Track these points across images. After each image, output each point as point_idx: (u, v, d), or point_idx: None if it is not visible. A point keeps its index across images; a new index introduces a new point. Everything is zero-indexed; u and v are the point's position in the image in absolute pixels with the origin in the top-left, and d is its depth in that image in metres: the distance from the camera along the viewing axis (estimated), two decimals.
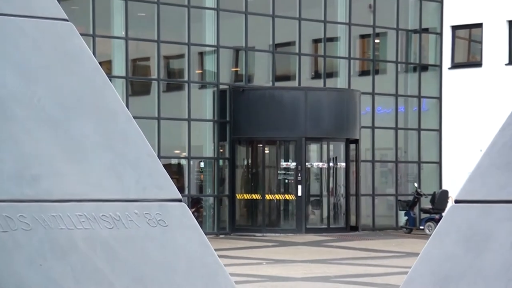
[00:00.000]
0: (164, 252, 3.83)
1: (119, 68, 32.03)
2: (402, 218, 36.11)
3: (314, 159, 35.98)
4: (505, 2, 35.78)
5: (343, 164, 35.56)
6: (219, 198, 33.92)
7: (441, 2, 37.86)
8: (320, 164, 36.09)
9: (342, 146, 35.44)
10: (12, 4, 4.18)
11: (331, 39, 36.78)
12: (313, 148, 35.63)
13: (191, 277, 3.83)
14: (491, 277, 3.75)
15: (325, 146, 35.76)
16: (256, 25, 34.58)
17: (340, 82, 36.78)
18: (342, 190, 35.80)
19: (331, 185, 36.06)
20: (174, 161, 33.18)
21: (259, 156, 35.46)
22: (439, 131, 37.84)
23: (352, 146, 35.19)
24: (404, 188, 37.32)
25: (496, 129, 4.18)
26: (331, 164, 35.92)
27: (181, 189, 28.72)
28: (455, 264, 3.87)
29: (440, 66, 38.01)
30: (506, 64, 36.08)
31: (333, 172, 36.04)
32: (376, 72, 37.57)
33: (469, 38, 38.14)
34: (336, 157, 35.91)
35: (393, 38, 37.87)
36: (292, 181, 34.62)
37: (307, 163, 34.81)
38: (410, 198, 35.74)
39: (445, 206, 31.75)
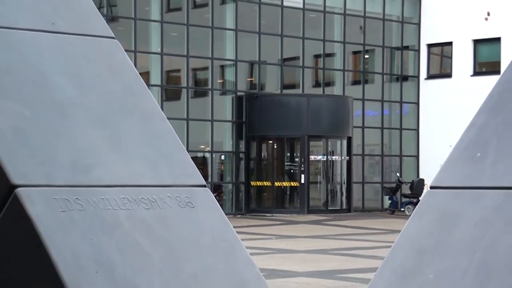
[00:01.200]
0: (192, 228, 3.83)
1: (155, 78, 32.00)
2: (387, 202, 36.06)
3: (315, 153, 35.90)
4: (470, 24, 35.75)
5: (338, 158, 35.49)
6: (236, 185, 33.89)
7: (418, 25, 37.78)
8: (319, 157, 36.03)
9: (338, 142, 35.37)
10: (69, 25, 4.19)
11: (328, 55, 36.74)
12: (314, 144, 35.54)
13: (213, 249, 3.83)
14: (458, 249, 3.75)
15: (323, 143, 35.69)
16: (267, 43, 34.51)
17: (336, 90, 36.73)
18: (338, 178, 35.76)
19: (328, 174, 36.03)
20: (199, 154, 33.13)
21: (269, 150, 35.46)
22: (417, 130, 37.81)
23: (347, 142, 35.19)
24: (388, 177, 37.24)
25: (463, 129, 4.19)
26: (328, 157, 35.90)
27: (205, 177, 28.72)
28: (430, 239, 3.86)
29: (417, 77, 37.97)
30: (471, 76, 36.10)
31: (330, 164, 36.00)
32: (366, 81, 37.53)
33: (441, 54, 38.05)
34: (333, 151, 35.87)
35: (380, 54, 37.84)
36: (297, 171, 34.56)
37: (310, 157, 34.79)
38: (393, 185, 35.68)
39: (422, 191, 31.69)
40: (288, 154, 35.45)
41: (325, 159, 35.77)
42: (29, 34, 4.05)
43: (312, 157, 35.05)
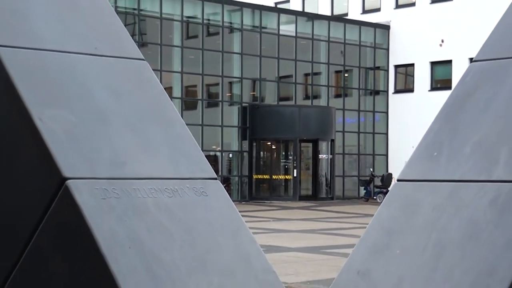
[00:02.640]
0: (205, 212, 3.83)
1: (177, 92, 32.02)
2: (362, 191, 36.00)
3: (305, 153, 35.92)
4: (428, 50, 35.82)
5: (325, 156, 35.48)
6: (241, 177, 33.88)
7: (387, 50, 37.80)
8: (309, 155, 36.06)
9: (323, 144, 35.37)
10: (109, 49, 4.18)
11: (316, 73, 36.73)
12: (304, 145, 35.54)
13: (223, 229, 3.83)
14: (419, 230, 3.75)
15: (312, 145, 35.70)
16: (267, 64, 34.52)
17: (322, 102, 36.72)
18: (323, 172, 35.75)
19: (315, 169, 36.03)
20: (212, 153, 33.09)
21: (268, 150, 35.46)
22: (386, 134, 37.81)
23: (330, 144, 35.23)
24: (363, 172, 37.20)
25: (423, 133, 4.19)
26: (316, 155, 35.94)
27: (216, 171, 28.65)
28: (396, 222, 3.86)
29: (387, 91, 37.97)
30: (428, 90, 36.15)
31: (318, 161, 35.99)
32: (345, 95, 37.54)
33: (405, 73, 38.05)
34: (319, 151, 35.86)
35: (356, 73, 37.84)
36: (290, 167, 34.57)
37: (319, 156, 34.85)
38: (367, 178, 35.65)
39: (390, 183, 31.67)
40: (283, 153, 35.43)
41: (326, 157, 35.77)
42: (77, 56, 4.06)
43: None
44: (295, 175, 34.14)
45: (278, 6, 39.07)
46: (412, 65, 37.20)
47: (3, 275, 3.75)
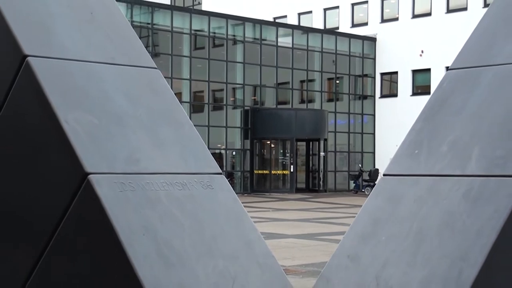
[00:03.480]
0: (212, 203, 3.83)
1: (186, 97, 31.99)
2: (352, 185, 35.96)
3: (300, 151, 35.92)
4: (410, 59, 35.84)
5: (322, 154, 35.49)
6: (243, 172, 33.85)
7: (374, 59, 37.77)
8: (304, 152, 36.06)
9: (317, 143, 35.35)
10: (125, 59, 4.18)
11: (310, 80, 36.70)
12: (300, 144, 35.52)
13: (227, 219, 3.83)
14: (402, 220, 3.75)
15: (307, 143, 35.71)
16: (266, 72, 34.49)
17: (316, 105, 36.67)
18: (316, 168, 35.75)
19: (310, 165, 36.05)
20: (217, 151, 33.04)
21: (268, 148, 35.41)
22: (373, 134, 37.78)
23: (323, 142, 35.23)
24: (353, 167, 37.13)
25: (406, 133, 4.19)
26: (310, 153, 35.98)
27: (221, 167, 28.67)
28: (382, 212, 3.87)
29: (374, 96, 37.94)
30: (410, 95, 36.09)
31: (312, 158, 36.02)
32: (337, 99, 37.48)
33: (390, 80, 38.01)
34: (312, 149, 35.88)
35: (347, 80, 37.82)
36: (287, 163, 34.58)
37: (321, 153, 34.84)
38: (357, 173, 35.55)
39: (377, 178, 31.65)
40: (281, 151, 35.35)
41: (307, 154, 35.83)
42: (97, 65, 4.06)
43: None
44: (291, 170, 34.10)
45: (276, 20, 39.02)
46: (396, 73, 37.17)
47: (34, 258, 3.75)
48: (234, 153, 34.38)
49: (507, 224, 3.40)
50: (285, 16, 40.38)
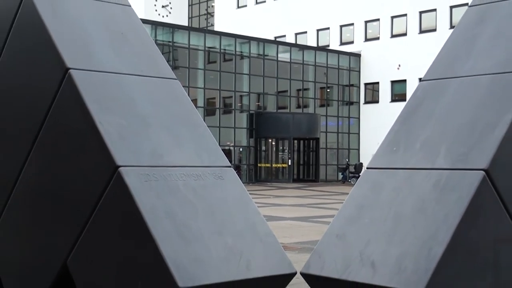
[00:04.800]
0: (222, 192, 3.82)
1: (200, 102, 31.96)
2: (340, 176, 35.89)
3: (297, 147, 35.87)
4: (389, 72, 35.80)
5: (311, 150, 35.49)
6: (249, 165, 33.82)
7: (359, 71, 37.70)
8: (300, 149, 36.02)
9: (311, 141, 35.35)
10: (150, 71, 4.18)
11: (305, 89, 36.65)
12: (296, 142, 35.48)
13: (235, 204, 3.83)
14: (382, 205, 3.75)
15: (303, 141, 35.68)
16: (268, 82, 34.47)
17: (310, 110, 36.61)
18: (311, 162, 35.73)
19: (305, 159, 36.04)
20: (227, 147, 33.00)
21: (269, 145, 35.36)
22: (358, 134, 37.70)
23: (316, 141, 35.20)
24: (341, 161, 37.05)
25: (385, 133, 4.19)
26: (305, 149, 35.94)
27: (230, 161, 28.70)
28: (366, 199, 3.86)
29: (358, 102, 37.88)
30: (389, 102, 36.01)
31: (307, 154, 35.99)
32: (328, 105, 37.43)
33: (373, 89, 37.92)
34: (307, 146, 35.85)
35: (336, 89, 37.74)
36: (286, 157, 34.58)
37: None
38: (344, 166, 35.49)
39: (361, 170, 31.60)
40: (281, 148, 35.35)
41: (303, 150, 35.78)
42: (127, 76, 4.06)
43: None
44: (289, 163, 34.08)
45: (277, 39, 38.97)
46: (378, 83, 37.09)
47: (75, 236, 3.76)
48: (241, 149, 34.36)
49: (468, 209, 3.40)
50: (284, 36, 40.37)
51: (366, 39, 37.82)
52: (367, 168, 4.06)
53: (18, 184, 4.20)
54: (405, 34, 36.07)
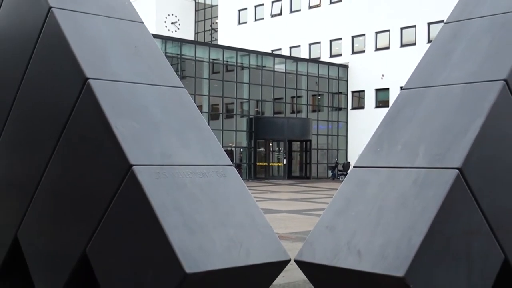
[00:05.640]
0: (224, 188, 3.82)
1: (205, 108, 31.90)
2: (330, 174, 35.84)
3: (292, 148, 35.85)
4: (373, 81, 35.83)
5: (303, 150, 35.45)
6: (249, 164, 33.79)
7: (347, 81, 37.68)
8: (294, 149, 36.01)
9: (304, 143, 35.32)
10: (160, 80, 4.18)
11: (299, 96, 36.62)
12: (291, 143, 35.48)
13: (236, 198, 3.82)
14: (367, 200, 3.75)
15: (296, 143, 35.66)
16: (266, 90, 34.44)
17: (303, 115, 36.57)
18: (303, 161, 35.70)
19: (299, 159, 36.01)
20: (229, 148, 32.96)
21: (267, 146, 35.31)
22: (346, 136, 37.68)
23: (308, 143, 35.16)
24: (330, 160, 37.03)
25: (370, 136, 4.19)
26: (299, 150, 35.92)
27: (231, 160, 28.71)
28: (352, 194, 3.86)
29: (346, 108, 37.85)
30: (374, 108, 35.99)
31: (300, 154, 35.96)
32: (319, 110, 37.40)
33: (359, 96, 37.88)
34: (301, 147, 35.82)
35: (326, 96, 37.70)
36: (281, 157, 34.56)
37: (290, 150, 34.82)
38: (333, 164, 35.46)
39: (349, 168, 31.58)
40: (277, 148, 35.30)
41: (297, 151, 35.74)
42: (139, 85, 4.06)
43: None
44: (284, 162, 34.04)
45: (273, 52, 38.98)
46: (363, 91, 37.06)
47: (93, 227, 3.75)
48: (241, 150, 34.32)
49: (444, 203, 3.40)
50: (280, 49, 40.39)
51: (353, 52, 37.85)
52: (354, 166, 4.06)
53: (43, 181, 4.20)
54: (388, 48, 36.09)
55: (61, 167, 4.09)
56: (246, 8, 42.66)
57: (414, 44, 34.54)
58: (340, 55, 38.24)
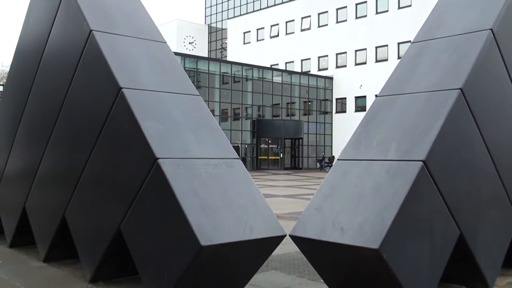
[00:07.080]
0: (232, 176, 3.81)
1: (217, 112, 31.87)
2: (318, 165, 35.72)
3: (287, 144, 35.76)
4: (352, 90, 35.77)
5: (296, 146, 35.33)
6: (252, 157, 33.74)
7: (332, 90, 37.59)
8: (289, 145, 35.93)
9: (296, 140, 35.23)
10: (180, 89, 4.18)
11: (293, 102, 36.55)
12: (287, 140, 35.38)
13: (242, 185, 3.81)
14: (349, 187, 3.74)
15: (289, 140, 35.58)
16: (266, 97, 34.38)
17: (296, 117, 36.49)
18: (296, 155, 35.63)
19: (293, 153, 35.97)
20: (236, 145, 32.88)
21: (267, 143, 35.22)
22: (331, 135, 37.59)
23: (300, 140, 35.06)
24: (318, 154, 36.92)
25: (351, 134, 4.18)
26: (293, 146, 35.87)
27: (238, 154, 28.62)
28: (336, 182, 3.86)
29: (331, 112, 37.77)
30: (354, 112, 35.91)
31: (294, 149, 35.91)
32: (309, 114, 37.30)
33: (342, 102, 37.78)
34: (294, 144, 35.75)
35: (315, 103, 37.60)
36: (278, 152, 34.49)
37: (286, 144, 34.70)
38: (321, 158, 35.32)
39: (333, 161, 31.46)
40: (275, 145, 35.23)
41: (291, 146, 35.66)
42: (163, 94, 4.06)
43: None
44: (281, 156, 34.03)
45: (272, 66, 38.93)
46: (345, 98, 36.97)
47: (126, 207, 3.76)
48: (246, 146, 34.27)
49: (411, 189, 3.40)
50: (277, 64, 40.37)
51: (337, 66, 37.77)
52: (338, 159, 4.06)
53: (84, 173, 4.22)
54: (365, 63, 36.04)
55: (99, 160, 4.10)
56: (249, 31, 42.75)
57: (387, 60, 34.47)
58: (326, 69, 38.18)
